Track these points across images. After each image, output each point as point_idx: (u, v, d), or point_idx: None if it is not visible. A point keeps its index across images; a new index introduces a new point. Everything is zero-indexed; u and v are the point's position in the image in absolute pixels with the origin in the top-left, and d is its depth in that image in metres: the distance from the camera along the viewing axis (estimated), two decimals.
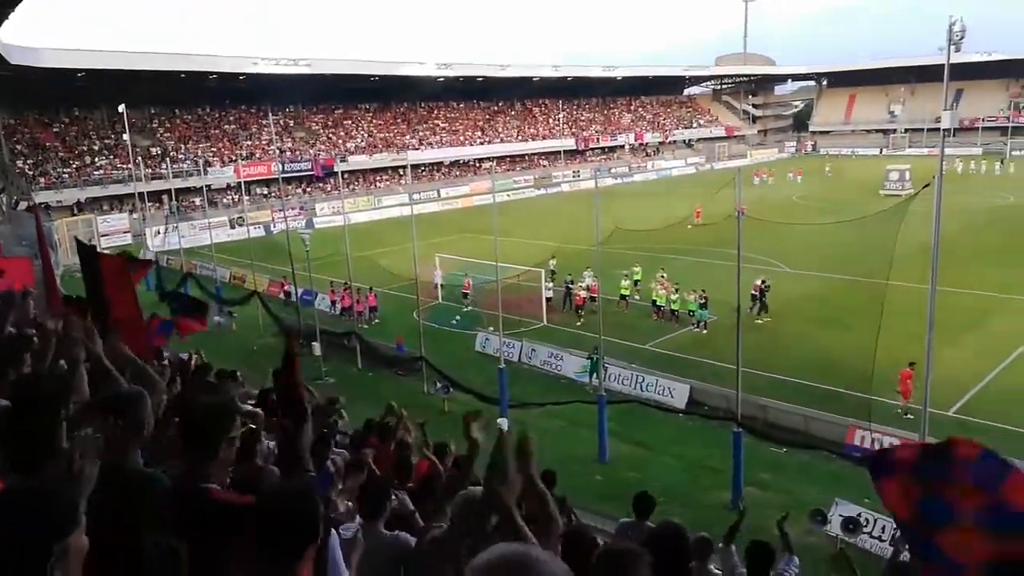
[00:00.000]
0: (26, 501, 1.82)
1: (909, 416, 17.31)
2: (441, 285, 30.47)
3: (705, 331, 24.58)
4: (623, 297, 27.32)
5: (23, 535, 1.74)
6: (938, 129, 65.26)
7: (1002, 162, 67.72)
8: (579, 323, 26.25)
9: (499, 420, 18.65)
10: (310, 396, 9.66)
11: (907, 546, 3.17)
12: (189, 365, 10.30)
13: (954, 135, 79.52)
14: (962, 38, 59.34)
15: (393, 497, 5.04)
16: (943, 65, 14.77)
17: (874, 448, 16.13)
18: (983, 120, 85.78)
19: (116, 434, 3.13)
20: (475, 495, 3.48)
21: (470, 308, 28.43)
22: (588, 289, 26.86)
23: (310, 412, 4.18)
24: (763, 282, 25.65)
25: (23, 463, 2.66)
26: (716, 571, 6.32)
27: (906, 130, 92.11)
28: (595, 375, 21.13)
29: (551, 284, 28.13)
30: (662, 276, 27.43)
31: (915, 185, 44.06)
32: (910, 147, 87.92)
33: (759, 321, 24.65)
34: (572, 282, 27.93)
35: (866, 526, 12.82)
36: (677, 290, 26.24)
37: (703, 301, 24.81)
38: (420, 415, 10.60)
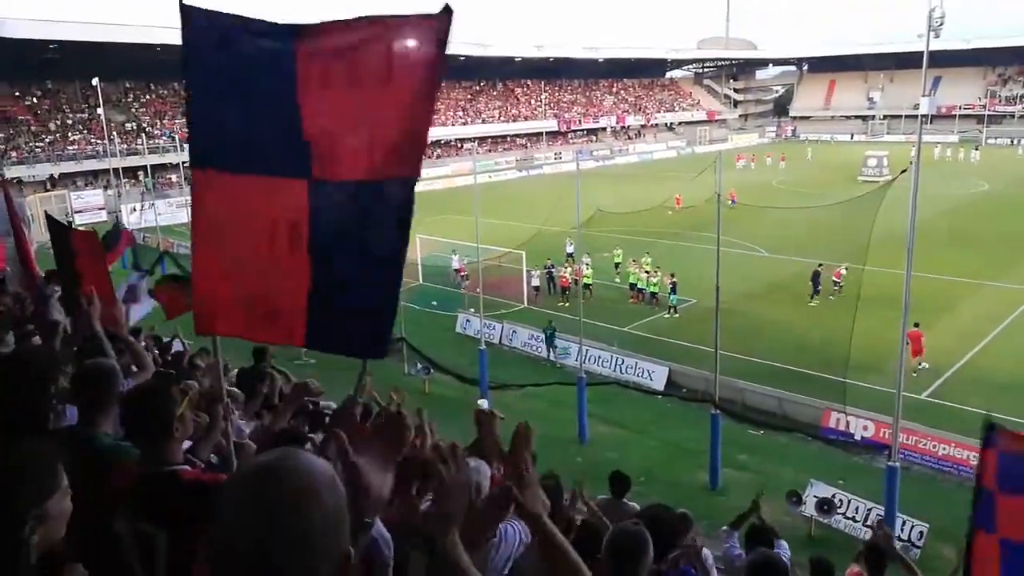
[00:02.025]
0: (2, 465, 1.79)
1: (914, 374, 18.45)
2: (455, 270, 29.63)
3: (676, 315, 24.77)
4: (587, 286, 25.97)
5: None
6: (916, 116, 65.83)
7: (976, 148, 68.57)
8: (565, 304, 26.25)
9: (479, 401, 18.69)
10: (285, 379, 9.58)
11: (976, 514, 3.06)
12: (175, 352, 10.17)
13: (931, 122, 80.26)
14: (941, 24, 59.74)
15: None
16: (922, 52, 14.83)
17: (849, 431, 16.44)
18: (960, 107, 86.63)
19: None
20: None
21: (465, 290, 28.12)
22: (574, 272, 26.85)
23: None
24: (820, 266, 25.56)
25: (6, 436, 2.60)
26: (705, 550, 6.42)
27: (884, 116, 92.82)
28: (552, 349, 21.97)
29: (537, 272, 27.93)
30: (635, 260, 27.64)
31: (892, 171, 44.50)
32: (888, 133, 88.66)
33: (812, 304, 24.78)
34: (554, 266, 27.81)
35: (840, 507, 13.07)
36: (648, 271, 26.42)
37: (672, 285, 25.00)
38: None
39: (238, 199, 3.94)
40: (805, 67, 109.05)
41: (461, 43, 77.87)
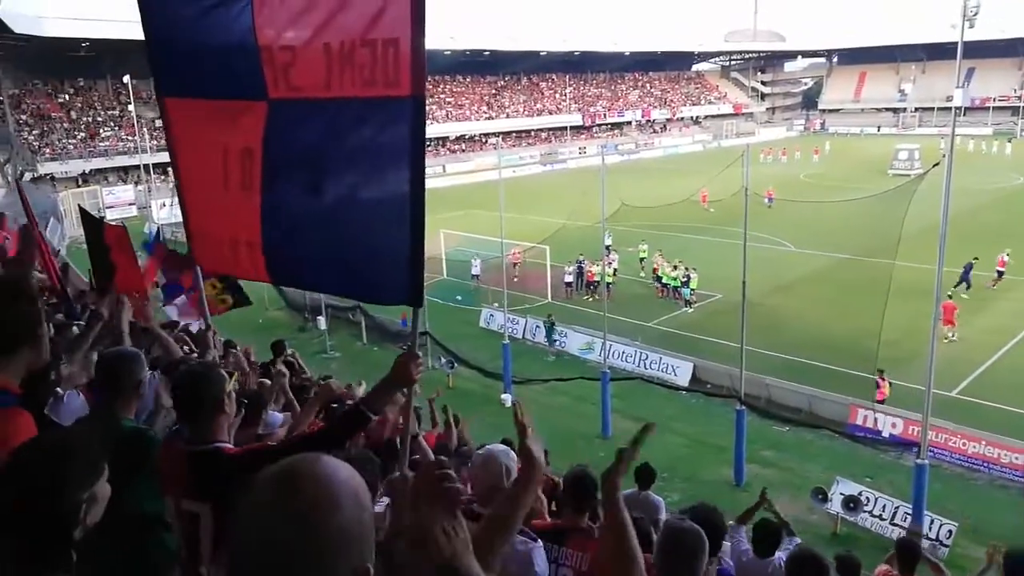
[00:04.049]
0: (56, 451, 1.86)
1: (950, 340, 19.24)
2: (475, 277, 29.12)
3: (690, 310, 24.58)
4: (608, 284, 24.90)
5: (60, 482, 1.79)
6: (948, 108, 64.32)
7: (1009, 141, 67.12)
8: (592, 299, 26.15)
9: (503, 396, 18.77)
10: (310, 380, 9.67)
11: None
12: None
13: (964, 114, 78.64)
14: (976, 14, 58.32)
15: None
16: (955, 43, 14.52)
17: (877, 428, 16.23)
18: (994, 99, 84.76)
19: None
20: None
21: (476, 287, 28.13)
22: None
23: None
24: (975, 259, 24.36)
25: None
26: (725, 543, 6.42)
27: (916, 109, 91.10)
28: (551, 342, 22.53)
29: (571, 267, 27.67)
30: (660, 254, 27.53)
31: (924, 164, 43.70)
32: (920, 126, 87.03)
33: (965, 296, 23.62)
34: (584, 261, 27.64)
35: (867, 504, 12.93)
36: (674, 265, 26.32)
37: (686, 279, 24.82)
38: (426, 390, 10.65)
39: (203, 126, 3.68)
40: (835, 59, 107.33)
41: (485, 38, 77.95)
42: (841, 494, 13.01)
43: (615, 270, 26.77)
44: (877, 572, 6.39)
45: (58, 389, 3.53)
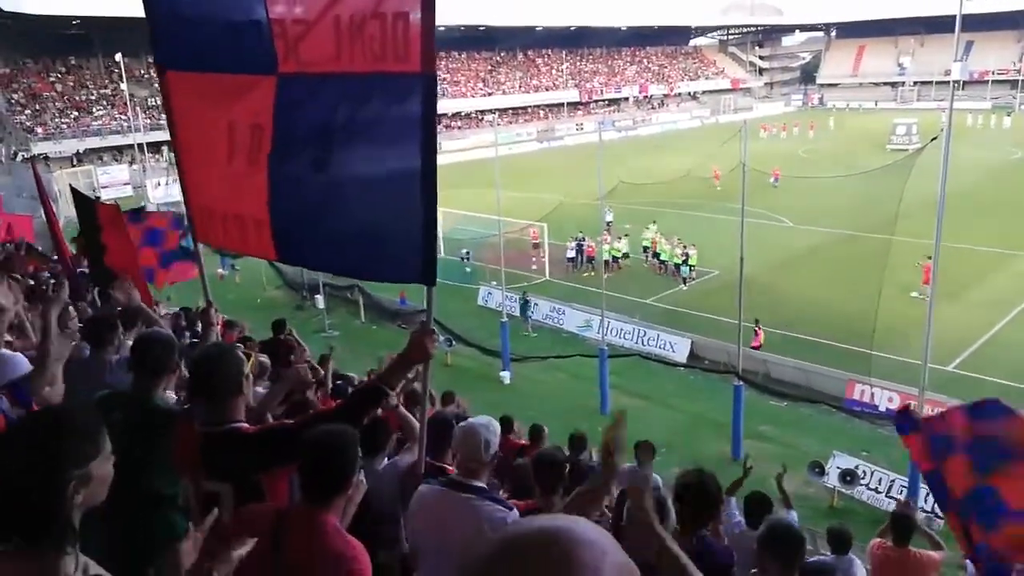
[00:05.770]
0: (45, 428, 1.83)
1: (920, 296, 18.67)
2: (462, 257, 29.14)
3: (685, 287, 24.65)
4: (616, 259, 26.64)
5: (42, 461, 1.75)
6: (947, 82, 63.67)
7: (1008, 115, 66.83)
8: (591, 274, 26.13)
9: (501, 373, 18.85)
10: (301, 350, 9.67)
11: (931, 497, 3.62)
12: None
13: (963, 88, 78.12)
14: None
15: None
16: (954, 16, 14.40)
17: (873, 402, 16.32)
18: (993, 73, 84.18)
19: None
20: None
21: (470, 270, 28.11)
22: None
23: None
24: None
25: None
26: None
27: (915, 83, 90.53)
28: (526, 319, 22.63)
29: (571, 244, 27.62)
30: (661, 232, 27.46)
31: (922, 139, 43.54)
32: (918, 100, 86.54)
33: None
34: (584, 239, 27.58)
35: (863, 478, 13.05)
36: (682, 245, 26.30)
37: (684, 257, 24.83)
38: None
39: (207, 100, 3.62)
40: (833, 33, 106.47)
41: (481, 12, 77.03)
42: (838, 468, 13.13)
43: (626, 253, 27.09)
44: (872, 544, 6.44)
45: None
